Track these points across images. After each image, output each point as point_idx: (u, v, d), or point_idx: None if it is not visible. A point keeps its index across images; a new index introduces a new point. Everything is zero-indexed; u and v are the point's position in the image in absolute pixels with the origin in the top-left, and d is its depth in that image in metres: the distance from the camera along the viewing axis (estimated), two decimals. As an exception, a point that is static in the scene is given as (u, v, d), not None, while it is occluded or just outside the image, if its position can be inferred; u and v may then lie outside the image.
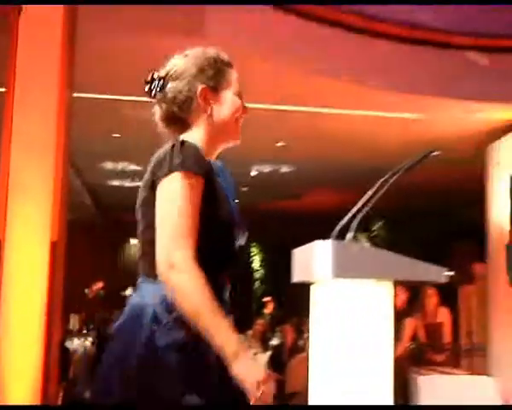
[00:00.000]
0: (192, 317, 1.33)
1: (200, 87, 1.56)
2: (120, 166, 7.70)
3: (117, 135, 6.21)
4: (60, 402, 5.06)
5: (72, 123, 3.59)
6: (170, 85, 1.58)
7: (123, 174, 8.12)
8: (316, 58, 4.69)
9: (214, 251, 1.48)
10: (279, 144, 6.14)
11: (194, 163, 1.42)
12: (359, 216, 1.87)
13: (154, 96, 1.60)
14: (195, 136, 1.56)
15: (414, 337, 5.79)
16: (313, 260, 1.79)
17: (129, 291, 10.99)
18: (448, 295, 6.16)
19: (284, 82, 4.88)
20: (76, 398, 5.23)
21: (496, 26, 4.90)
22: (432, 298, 5.89)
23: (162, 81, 1.58)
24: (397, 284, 1.94)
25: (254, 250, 11.58)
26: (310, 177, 7.24)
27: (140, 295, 1.50)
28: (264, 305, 8.49)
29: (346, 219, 1.90)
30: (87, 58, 3.93)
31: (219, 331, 1.31)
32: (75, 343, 6.90)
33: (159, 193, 1.43)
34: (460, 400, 4.39)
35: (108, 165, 7.71)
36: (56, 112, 3.40)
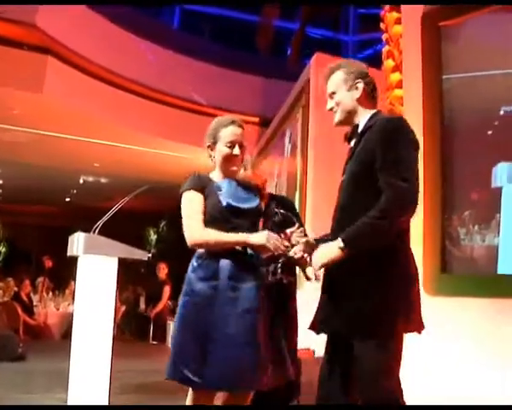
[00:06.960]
0: (219, 247, 2.22)
1: (207, 144, 2.43)
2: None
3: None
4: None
5: None
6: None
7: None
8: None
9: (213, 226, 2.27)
10: (96, 164, 9.12)
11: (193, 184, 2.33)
12: (104, 219, 3.48)
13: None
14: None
15: (170, 298, 8.50)
16: (75, 243, 3.44)
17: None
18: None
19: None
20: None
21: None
22: (162, 269, 8.81)
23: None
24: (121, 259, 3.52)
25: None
26: (116, 186, 10.25)
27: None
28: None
29: (101, 220, 3.50)
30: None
31: (234, 238, 2.22)
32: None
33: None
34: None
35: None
36: None
